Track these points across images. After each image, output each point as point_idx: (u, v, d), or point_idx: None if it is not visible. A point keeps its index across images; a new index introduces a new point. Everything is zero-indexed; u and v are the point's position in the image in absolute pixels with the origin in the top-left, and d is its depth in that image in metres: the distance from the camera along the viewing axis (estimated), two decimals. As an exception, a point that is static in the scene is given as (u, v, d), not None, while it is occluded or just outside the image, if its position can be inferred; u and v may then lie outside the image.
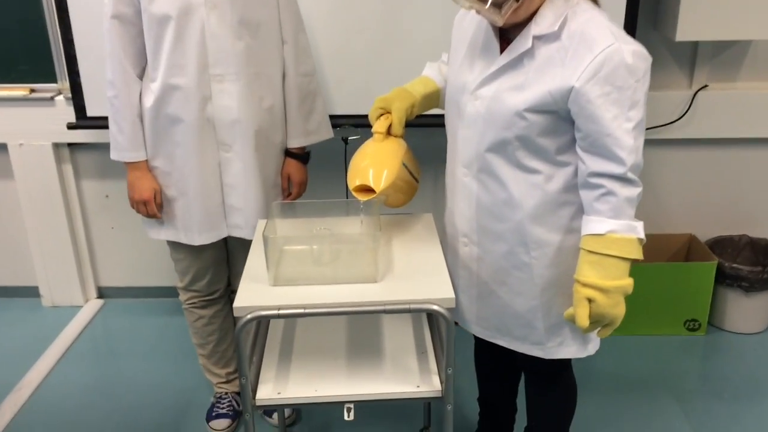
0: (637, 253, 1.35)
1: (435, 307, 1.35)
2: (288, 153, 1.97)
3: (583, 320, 1.36)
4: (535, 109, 1.34)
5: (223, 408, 2.12)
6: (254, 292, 1.40)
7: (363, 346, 1.59)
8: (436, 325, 1.58)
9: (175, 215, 1.86)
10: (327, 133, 2.02)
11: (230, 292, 2.07)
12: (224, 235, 1.90)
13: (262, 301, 1.36)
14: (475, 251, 1.54)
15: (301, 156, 2.00)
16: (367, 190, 1.47)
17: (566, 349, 1.55)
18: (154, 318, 2.75)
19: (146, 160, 1.82)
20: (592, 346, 1.56)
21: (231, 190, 1.85)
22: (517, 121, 1.35)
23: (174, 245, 1.92)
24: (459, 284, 1.60)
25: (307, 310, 1.35)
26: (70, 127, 2.40)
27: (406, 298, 1.36)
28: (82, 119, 2.37)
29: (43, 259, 2.80)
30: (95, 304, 2.87)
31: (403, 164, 1.55)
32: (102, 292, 2.92)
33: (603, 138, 1.30)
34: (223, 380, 2.14)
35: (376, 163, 1.50)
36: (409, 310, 1.36)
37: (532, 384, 1.73)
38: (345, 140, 2.27)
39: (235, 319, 2.13)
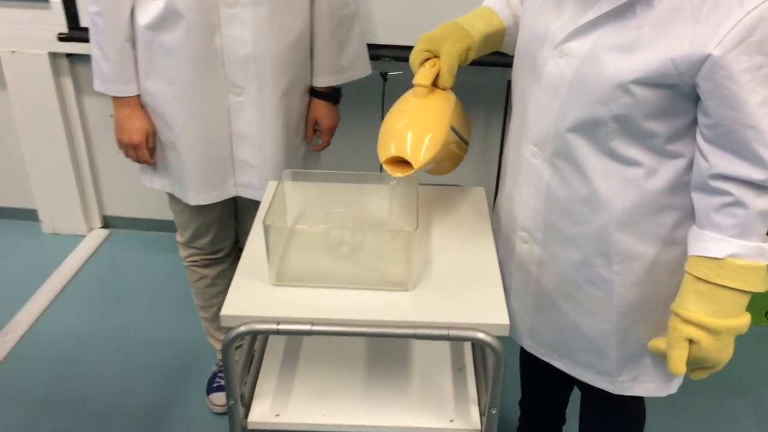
0: (763, 284, 0.99)
1: (482, 336, 1.02)
2: (314, 92, 1.60)
3: (679, 366, 1.03)
4: (648, 82, 0.95)
5: (225, 379, 1.86)
6: (249, 295, 1.08)
7: (385, 360, 1.28)
8: (480, 352, 1.26)
9: (168, 164, 1.54)
10: (364, 69, 1.64)
11: (238, 249, 1.77)
12: (230, 195, 1.57)
13: (259, 310, 1.05)
14: (537, 252, 1.20)
15: (331, 96, 1.63)
16: (402, 161, 1.12)
17: (643, 385, 1.22)
18: (163, 255, 2.48)
19: (138, 96, 1.48)
20: (676, 383, 1.23)
21: (242, 142, 1.50)
22: (618, 96, 0.97)
23: (171, 194, 1.61)
24: (512, 286, 1.27)
25: (314, 327, 1.03)
26: (62, 38, 2.05)
27: (445, 320, 1.04)
28: (75, 30, 2.01)
29: (41, 181, 2.52)
30: (99, 234, 2.61)
31: (452, 128, 1.18)
32: (107, 222, 2.66)
33: (743, 130, 0.92)
34: (227, 348, 1.88)
35: (417, 128, 1.13)
36: (448, 337, 1.03)
37: (591, 405, 1.42)
38: (384, 76, 1.88)
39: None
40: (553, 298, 1.21)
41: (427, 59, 1.19)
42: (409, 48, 1.22)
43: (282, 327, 1.03)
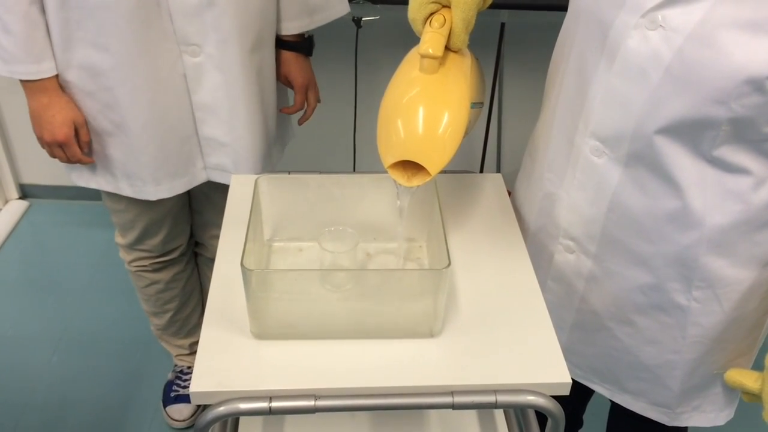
0: None
1: (542, 402, 0.79)
2: (282, 43, 1.27)
3: None
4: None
5: (184, 387, 1.59)
6: (225, 357, 0.81)
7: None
8: (519, 414, 1.01)
9: (110, 157, 1.20)
10: (340, 5, 1.29)
11: (195, 243, 1.46)
12: (199, 181, 1.25)
13: (241, 380, 0.78)
14: (586, 265, 0.95)
15: (303, 46, 1.30)
16: (409, 163, 0.84)
17: (702, 415, 1.02)
18: (97, 230, 2.14)
19: (56, 76, 1.12)
20: (732, 409, 1.04)
21: (207, 115, 1.17)
22: (746, 93, 0.70)
23: (109, 193, 1.27)
24: (546, 299, 1.03)
25: (320, 403, 0.77)
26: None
27: (488, 379, 0.79)
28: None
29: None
30: (17, 206, 2.23)
31: (472, 105, 0.90)
32: (25, 191, 2.27)
33: None
34: (186, 352, 1.59)
35: (432, 120, 0.84)
36: (495, 405, 0.79)
37: (626, 424, 1.22)
38: (357, 22, 1.55)
39: (202, 285, 1.57)
40: (603, 319, 0.98)
41: (432, 13, 0.88)
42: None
43: (276, 405, 0.77)
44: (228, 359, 0.81)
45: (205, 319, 0.85)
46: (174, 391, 1.60)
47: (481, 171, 1.99)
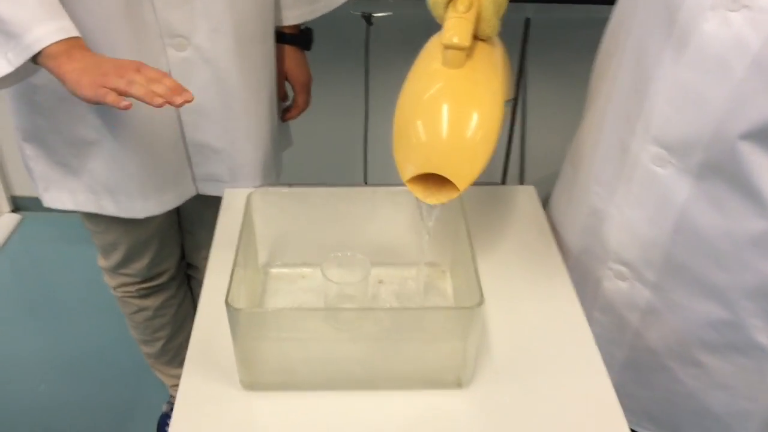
0: None
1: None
2: (281, 36, 1.13)
3: None
4: None
5: (180, 420, 1.44)
6: (208, 412, 0.66)
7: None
8: None
9: (91, 171, 1.05)
10: None
11: (186, 265, 1.32)
12: (189, 194, 1.10)
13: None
14: (642, 296, 0.80)
15: (300, 39, 1.16)
16: (432, 175, 0.69)
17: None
18: (94, 245, 2.00)
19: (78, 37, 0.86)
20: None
21: (196, 118, 1.02)
22: None
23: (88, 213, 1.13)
24: (593, 332, 0.88)
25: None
26: None
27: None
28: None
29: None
30: (9, 219, 2.10)
31: (505, 103, 0.76)
32: (17, 204, 2.15)
33: None
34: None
35: (459, 125, 0.70)
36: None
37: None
38: (368, 18, 1.40)
39: (196, 304, 1.43)
40: (662, 358, 0.83)
41: None
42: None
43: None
44: (212, 414, 0.67)
45: (186, 364, 0.71)
46: (169, 425, 1.46)
47: (503, 183, 1.84)
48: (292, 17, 1.11)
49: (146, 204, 1.06)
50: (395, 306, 0.79)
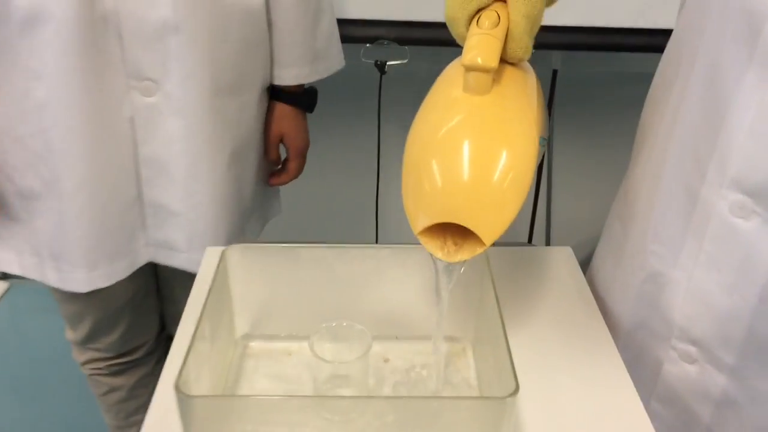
0: None
1: None
2: (276, 94, 1.02)
3: None
4: None
5: None
6: None
7: None
8: None
9: (36, 230, 0.91)
10: (338, 57, 1.06)
11: (166, 338, 1.16)
12: (141, 263, 0.96)
13: None
14: (716, 383, 0.63)
15: (301, 99, 1.05)
16: (451, 227, 0.55)
17: None
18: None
19: None
20: None
21: (156, 174, 0.90)
22: None
23: None
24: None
25: None
26: None
27: None
28: None
29: None
30: (-4, 288, 1.99)
31: (540, 140, 0.62)
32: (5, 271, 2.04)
33: None
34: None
35: (484, 165, 0.56)
36: None
37: None
38: (381, 67, 1.29)
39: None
40: (746, 465, 0.65)
41: (481, 9, 0.60)
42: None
43: None
44: None
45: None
46: None
47: (530, 236, 1.69)
48: (288, 77, 1.00)
49: (92, 275, 0.92)
50: (403, 394, 0.63)
